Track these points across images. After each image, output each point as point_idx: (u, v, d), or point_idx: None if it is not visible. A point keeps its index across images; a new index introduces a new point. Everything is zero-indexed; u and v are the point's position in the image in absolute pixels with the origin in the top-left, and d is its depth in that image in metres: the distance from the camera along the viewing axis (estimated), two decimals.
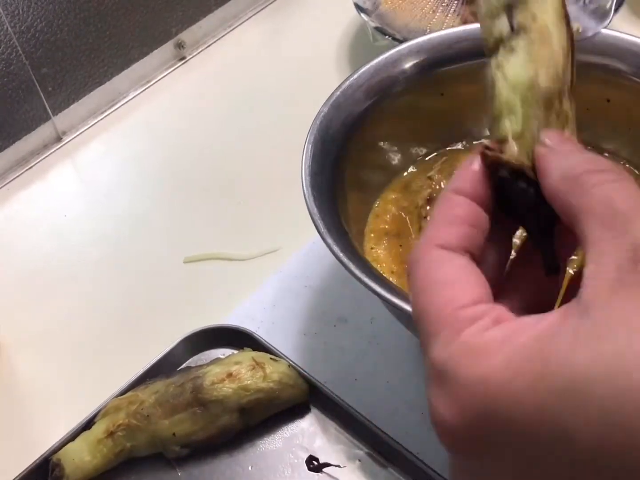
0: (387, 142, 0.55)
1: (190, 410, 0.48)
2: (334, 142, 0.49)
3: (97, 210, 0.69)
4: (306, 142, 0.48)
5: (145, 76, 0.80)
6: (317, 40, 0.83)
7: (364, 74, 0.52)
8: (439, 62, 0.54)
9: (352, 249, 0.44)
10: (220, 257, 0.63)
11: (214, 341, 0.54)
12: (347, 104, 0.51)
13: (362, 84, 0.52)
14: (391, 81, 0.53)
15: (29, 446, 0.51)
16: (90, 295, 0.62)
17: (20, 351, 0.59)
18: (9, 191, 0.72)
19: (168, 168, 0.72)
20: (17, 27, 0.67)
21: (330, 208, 0.46)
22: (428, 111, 0.55)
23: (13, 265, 0.65)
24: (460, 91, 0.55)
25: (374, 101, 0.52)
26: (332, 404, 0.49)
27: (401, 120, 0.55)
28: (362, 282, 0.41)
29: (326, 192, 0.47)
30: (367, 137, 0.53)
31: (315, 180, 0.46)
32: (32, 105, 0.72)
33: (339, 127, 0.50)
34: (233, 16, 0.86)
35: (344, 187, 0.49)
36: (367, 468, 0.48)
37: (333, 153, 0.49)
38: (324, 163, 0.48)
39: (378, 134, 0.54)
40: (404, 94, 0.53)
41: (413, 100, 0.54)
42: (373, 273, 0.42)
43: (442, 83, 0.54)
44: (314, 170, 0.47)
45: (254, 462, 0.49)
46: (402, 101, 0.54)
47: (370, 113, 0.52)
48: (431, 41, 0.54)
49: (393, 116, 0.54)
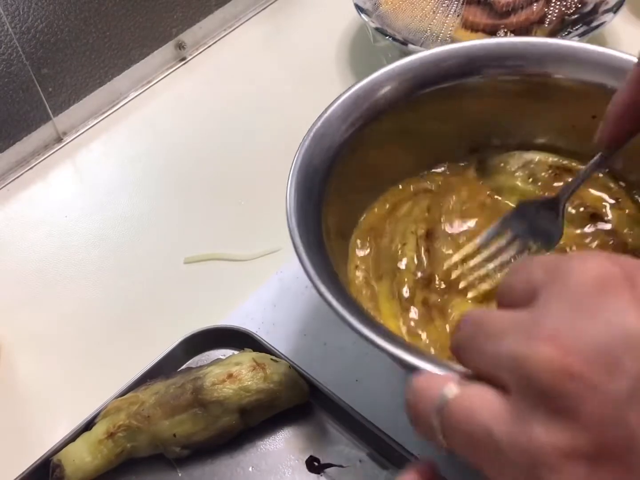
0: (371, 169, 0.54)
1: (190, 411, 0.48)
2: (317, 174, 0.48)
3: (98, 211, 0.69)
4: (289, 182, 0.47)
5: (145, 77, 0.80)
6: (317, 41, 0.83)
7: (344, 101, 0.51)
8: (420, 85, 0.53)
9: (346, 297, 0.42)
10: (221, 258, 0.63)
11: (215, 342, 0.54)
12: (328, 134, 0.50)
13: (342, 112, 0.51)
14: (372, 107, 0.52)
15: (30, 447, 0.51)
16: (91, 295, 0.62)
17: (20, 351, 0.59)
18: (10, 192, 0.72)
19: (169, 168, 0.72)
20: (17, 27, 0.67)
21: (317, 243, 0.45)
22: (410, 135, 0.55)
23: (13, 265, 0.65)
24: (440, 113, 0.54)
25: (356, 128, 0.51)
26: (333, 404, 0.49)
27: (385, 145, 0.54)
28: (366, 338, 0.39)
29: (312, 225, 0.46)
30: (350, 167, 0.51)
31: (300, 215, 0.45)
32: (33, 106, 0.72)
33: (321, 158, 0.49)
34: (233, 17, 0.86)
35: (328, 213, 0.49)
36: (367, 469, 0.48)
37: (316, 190, 0.48)
38: (310, 197, 0.47)
39: (361, 162, 0.53)
40: (386, 119, 0.53)
41: (394, 125, 0.53)
42: (373, 324, 0.40)
43: (420, 106, 0.54)
44: (299, 204, 0.46)
45: (255, 462, 0.49)
46: (384, 126, 0.53)
47: (352, 140, 0.51)
48: (412, 63, 0.53)
49: (376, 142, 0.53)
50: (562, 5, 0.73)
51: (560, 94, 0.53)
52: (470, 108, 0.55)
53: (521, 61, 0.53)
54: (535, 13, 0.71)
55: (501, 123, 0.56)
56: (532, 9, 0.72)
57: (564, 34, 0.71)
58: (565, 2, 0.73)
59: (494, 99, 0.54)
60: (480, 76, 0.54)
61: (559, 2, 0.73)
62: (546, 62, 0.53)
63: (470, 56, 0.54)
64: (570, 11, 0.72)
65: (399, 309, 0.48)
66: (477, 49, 0.54)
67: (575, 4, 0.73)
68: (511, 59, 0.53)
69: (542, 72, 0.53)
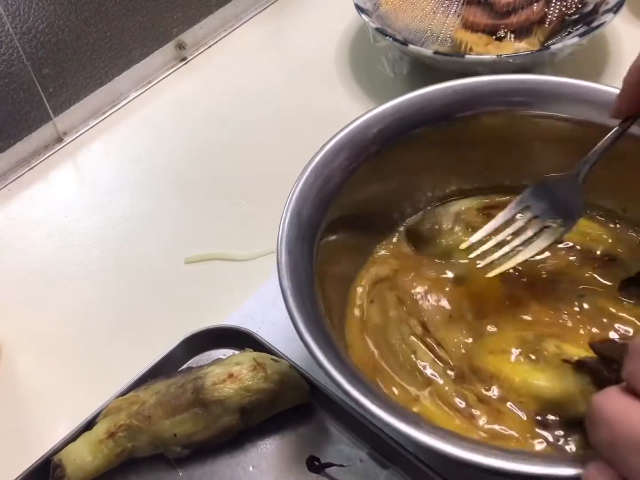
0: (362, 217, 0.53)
1: (191, 410, 0.48)
2: (309, 226, 0.47)
3: (98, 211, 0.69)
4: (278, 241, 0.46)
5: (146, 77, 0.81)
6: (317, 41, 0.83)
7: (333, 146, 0.50)
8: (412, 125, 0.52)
9: (344, 364, 0.40)
10: (222, 258, 0.63)
11: (215, 342, 0.54)
12: (318, 182, 0.49)
13: (333, 159, 0.50)
14: (362, 150, 0.51)
15: (30, 447, 0.51)
16: (91, 295, 0.62)
17: (21, 351, 0.59)
18: (10, 192, 0.72)
19: (169, 168, 0.72)
20: (18, 28, 0.67)
21: (310, 303, 0.44)
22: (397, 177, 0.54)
23: (14, 265, 0.65)
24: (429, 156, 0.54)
25: (347, 173, 0.50)
26: (333, 404, 0.49)
27: (375, 186, 0.53)
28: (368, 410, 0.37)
29: (305, 285, 0.44)
30: (339, 217, 0.50)
31: (294, 268, 0.44)
32: (33, 106, 0.72)
33: (314, 207, 0.48)
34: (234, 17, 0.86)
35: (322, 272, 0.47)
36: (368, 468, 0.48)
37: (308, 241, 0.47)
38: (302, 248, 0.46)
39: (351, 209, 0.52)
40: (376, 159, 0.52)
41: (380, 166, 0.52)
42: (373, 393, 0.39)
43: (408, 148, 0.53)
44: (291, 268, 0.44)
45: (255, 462, 0.49)
46: (371, 168, 0.52)
47: (342, 189, 0.50)
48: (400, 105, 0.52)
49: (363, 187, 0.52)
50: (563, 5, 0.73)
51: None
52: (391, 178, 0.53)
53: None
54: (536, 13, 0.71)
55: (413, 181, 0.54)
56: (532, 9, 0.72)
57: (564, 34, 0.71)
58: (566, 2, 0.73)
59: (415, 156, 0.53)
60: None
61: (559, 2, 0.73)
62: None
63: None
64: (571, 11, 0.73)
65: (463, 421, 0.44)
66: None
67: (576, 4, 0.73)
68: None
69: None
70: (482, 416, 0.44)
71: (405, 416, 0.37)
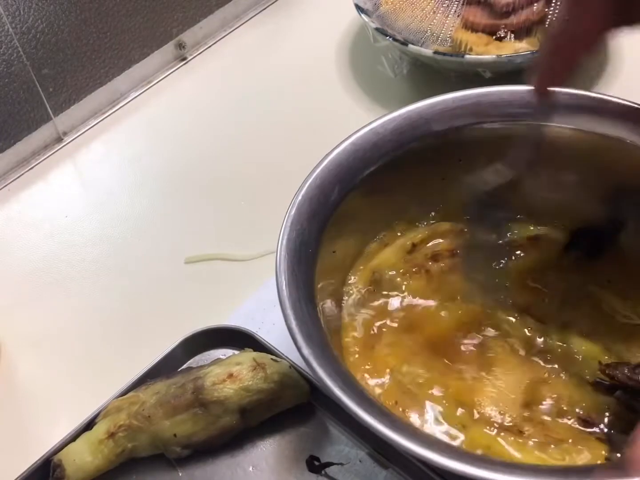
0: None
1: (191, 410, 0.48)
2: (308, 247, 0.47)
3: (98, 211, 0.69)
4: (277, 262, 0.46)
5: (146, 77, 0.81)
6: (317, 41, 0.83)
7: (329, 164, 0.50)
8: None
9: (344, 377, 0.41)
10: (221, 258, 0.63)
11: (215, 342, 0.54)
12: (313, 204, 0.49)
13: (328, 176, 0.50)
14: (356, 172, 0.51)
15: (30, 447, 0.51)
16: (91, 295, 0.62)
17: (20, 351, 0.59)
18: (10, 192, 0.72)
19: (169, 168, 0.72)
20: (18, 28, 0.67)
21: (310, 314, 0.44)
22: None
23: (13, 265, 0.65)
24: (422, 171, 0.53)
25: (341, 196, 0.50)
26: (333, 404, 0.49)
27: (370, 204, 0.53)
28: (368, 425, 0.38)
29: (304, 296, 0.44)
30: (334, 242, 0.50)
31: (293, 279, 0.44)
32: (33, 106, 0.72)
33: (313, 229, 0.48)
34: (234, 17, 0.86)
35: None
36: (368, 468, 0.48)
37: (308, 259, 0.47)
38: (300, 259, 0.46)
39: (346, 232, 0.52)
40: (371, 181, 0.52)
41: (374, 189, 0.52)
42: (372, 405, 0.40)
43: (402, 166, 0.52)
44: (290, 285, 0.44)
45: (255, 462, 0.49)
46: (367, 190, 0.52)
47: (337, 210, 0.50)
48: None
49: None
50: None
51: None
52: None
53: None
54: (536, 13, 0.71)
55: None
56: (532, 9, 0.71)
57: None
58: None
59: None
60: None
61: (559, 3, 0.73)
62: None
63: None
64: None
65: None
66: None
67: None
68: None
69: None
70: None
71: (400, 427, 0.37)
